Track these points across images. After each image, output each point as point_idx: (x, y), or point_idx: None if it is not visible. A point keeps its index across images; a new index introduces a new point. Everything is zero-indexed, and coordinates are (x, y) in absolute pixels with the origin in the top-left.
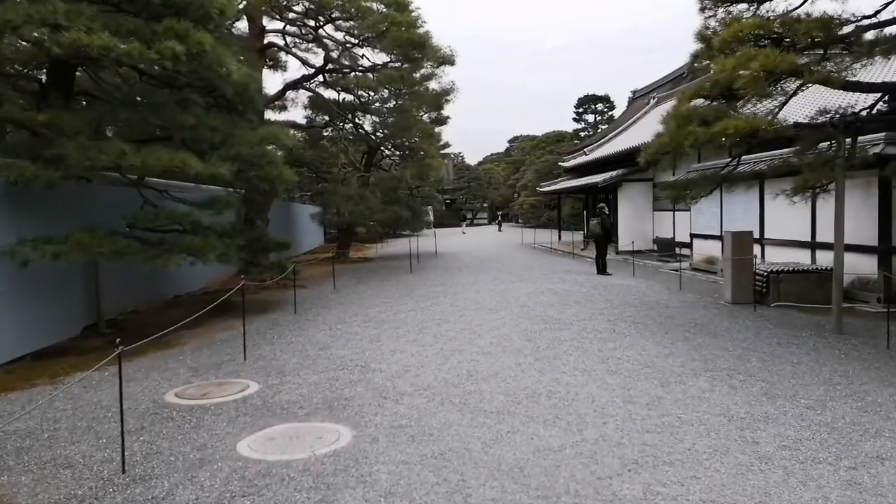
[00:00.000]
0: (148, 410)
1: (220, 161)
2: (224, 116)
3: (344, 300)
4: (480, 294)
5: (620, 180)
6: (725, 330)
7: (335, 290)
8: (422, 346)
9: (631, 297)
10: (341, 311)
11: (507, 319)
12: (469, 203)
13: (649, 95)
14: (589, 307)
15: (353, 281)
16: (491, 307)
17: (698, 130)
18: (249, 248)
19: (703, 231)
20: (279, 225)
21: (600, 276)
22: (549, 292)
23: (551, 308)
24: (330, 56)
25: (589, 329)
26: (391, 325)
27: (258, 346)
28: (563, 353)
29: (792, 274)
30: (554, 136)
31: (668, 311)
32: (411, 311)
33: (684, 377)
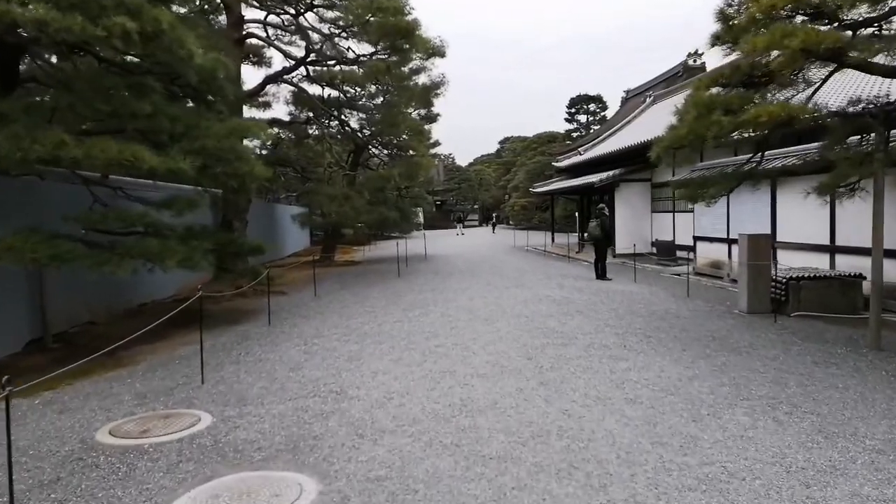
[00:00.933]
0: (71, 454)
1: (182, 155)
2: (188, 106)
3: (324, 309)
4: (473, 302)
5: (618, 180)
6: (749, 345)
7: (316, 298)
8: (408, 367)
9: (636, 305)
10: (320, 321)
11: (503, 332)
12: (460, 204)
13: (644, 94)
14: (593, 317)
15: (336, 287)
16: (485, 317)
17: (724, 120)
18: (220, 253)
19: (708, 234)
20: (261, 227)
21: (600, 282)
22: (548, 300)
23: (552, 319)
24: (312, 47)
25: (596, 344)
26: (374, 340)
27: (221, 366)
28: (570, 376)
29: (813, 281)
30: (546, 136)
31: (680, 322)
32: (398, 321)
33: (718, 408)
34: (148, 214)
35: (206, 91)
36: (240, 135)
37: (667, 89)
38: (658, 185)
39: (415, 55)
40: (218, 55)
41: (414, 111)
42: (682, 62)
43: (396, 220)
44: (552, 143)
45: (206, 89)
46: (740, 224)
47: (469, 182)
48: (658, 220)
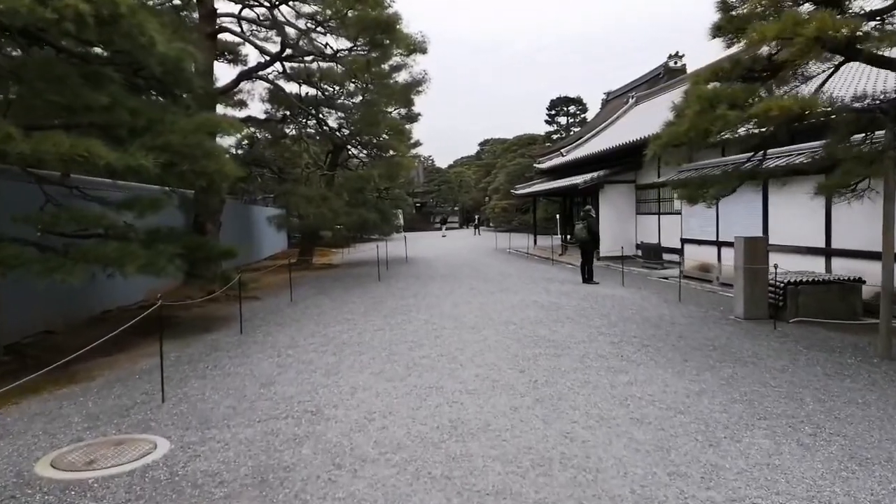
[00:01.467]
0: (3, 492)
1: (143, 151)
2: (153, 100)
3: (301, 315)
4: (458, 308)
5: (602, 182)
6: (753, 355)
7: (292, 303)
8: (390, 381)
9: (627, 310)
10: (296, 330)
11: (492, 342)
12: (440, 206)
13: (625, 96)
14: (584, 324)
15: (313, 291)
16: (472, 325)
17: (730, 114)
18: (189, 257)
19: (696, 236)
20: (237, 229)
21: (587, 286)
22: (536, 305)
23: (541, 326)
24: (288, 41)
25: (591, 354)
26: (354, 350)
27: (185, 381)
28: (567, 391)
29: (812, 285)
30: (526, 138)
31: (676, 328)
32: (379, 330)
33: (735, 429)
34: (105, 216)
35: (172, 84)
36: (208, 130)
37: (649, 90)
38: (643, 186)
39: (395, 51)
40: (184, 45)
41: (394, 110)
42: (663, 64)
43: (376, 222)
44: (532, 144)
45: (171, 81)
46: (730, 226)
47: (449, 184)
48: (643, 222)
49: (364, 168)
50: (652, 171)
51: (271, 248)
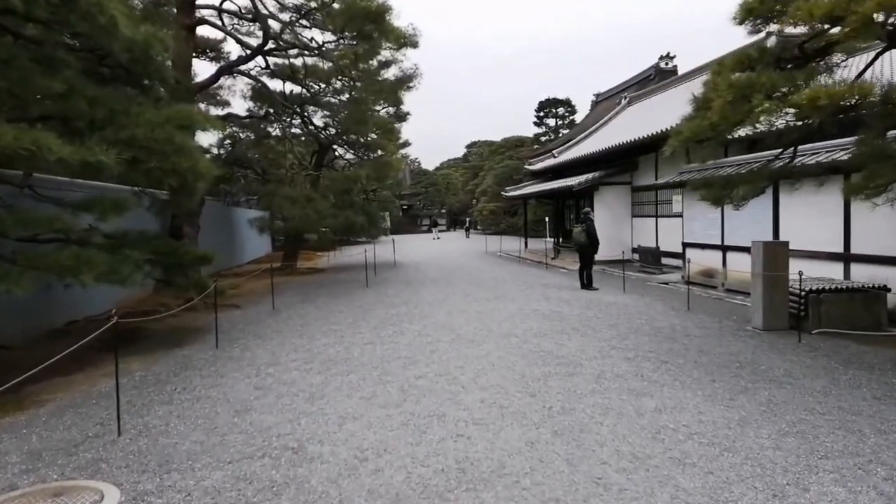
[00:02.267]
0: None
1: (103, 145)
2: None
3: (283, 327)
4: (453, 317)
5: (597, 183)
6: (786, 374)
7: (274, 312)
8: (384, 408)
9: (636, 320)
10: (277, 343)
11: (494, 358)
12: (427, 209)
13: (616, 97)
14: (592, 337)
15: (297, 299)
16: (470, 337)
17: (769, 104)
18: (160, 263)
19: (699, 240)
20: (218, 232)
21: (586, 292)
22: (536, 314)
23: (546, 339)
24: (271, 33)
25: (608, 374)
26: (341, 369)
27: (147, 408)
28: (588, 421)
29: (835, 293)
30: (514, 140)
31: (693, 342)
32: (368, 343)
33: (796, 472)
34: (60, 218)
35: (140, 73)
36: (179, 124)
37: (642, 91)
38: (639, 188)
39: (384, 45)
40: (154, 31)
41: (383, 109)
42: (654, 65)
43: (363, 224)
44: (520, 147)
45: (140, 71)
46: (736, 230)
47: (436, 186)
48: (639, 225)
49: (351, 169)
50: (649, 173)
51: (255, 252)
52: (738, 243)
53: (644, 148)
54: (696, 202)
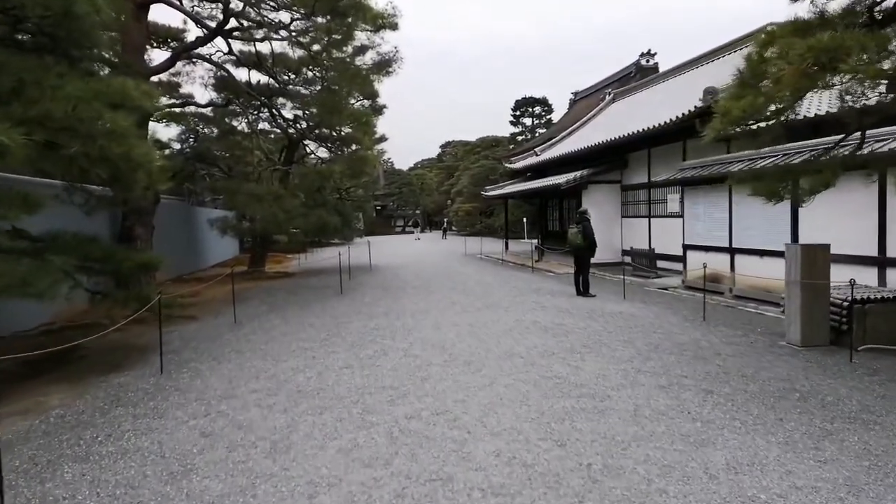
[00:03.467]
0: None
1: (5, 122)
2: (30, 57)
3: (244, 344)
4: (443, 331)
5: (586, 182)
6: (863, 408)
7: (235, 326)
8: (369, 467)
9: (651, 334)
10: (236, 367)
11: (501, 387)
12: (401, 210)
13: (601, 93)
14: (609, 356)
15: (263, 308)
16: (466, 358)
17: (869, 69)
18: (94, 271)
19: (703, 242)
20: (178, 234)
21: (584, 299)
22: (537, 328)
23: (556, 359)
24: (231, 9)
25: (645, 409)
26: (313, 404)
27: (54, 467)
28: (649, 490)
29: (882, 303)
30: (489, 140)
31: (728, 362)
32: (345, 367)
33: None
34: None
35: (65, 41)
36: (110, 101)
37: (627, 87)
38: (630, 187)
39: (360, 27)
40: None
41: (357, 102)
42: (635, 62)
43: (337, 225)
44: (496, 147)
45: (64, 37)
46: (746, 231)
47: (410, 186)
48: (630, 226)
49: (324, 165)
50: (640, 171)
51: (221, 255)
52: (749, 246)
53: (635, 144)
54: (699, 201)
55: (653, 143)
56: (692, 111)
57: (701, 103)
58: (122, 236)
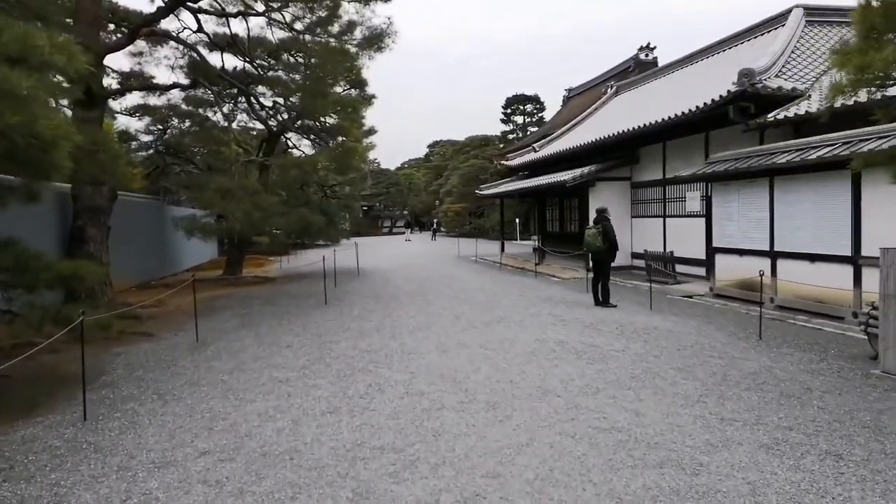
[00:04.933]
0: None
1: None
2: None
3: (202, 375)
4: (451, 356)
5: (594, 178)
6: None
7: (197, 346)
8: None
9: (709, 359)
10: (185, 411)
11: (546, 451)
12: (388, 210)
13: (595, 90)
14: (672, 395)
15: (234, 323)
16: (488, 398)
17: None
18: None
19: (736, 244)
20: (146, 235)
21: (605, 310)
22: (565, 350)
23: (606, 400)
24: None
25: (766, 491)
26: (281, 481)
27: None
28: None
29: None
30: (479, 139)
31: (826, 402)
32: (329, 412)
33: None
34: None
35: None
36: (7, 55)
37: (632, 80)
38: (641, 184)
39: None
40: None
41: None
42: (633, 56)
43: (321, 225)
44: (486, 146)
45: None
46: (793, 232)
47: (398, 186)
48: (641, 226)
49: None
50: (654, 166)
51: (196, 258)
52: (796, 249)
53: (649, 138)
54: (731, 198)
55: (669, 136)
56: (725, 96)
57: (736, 87)
58: (72, 238)
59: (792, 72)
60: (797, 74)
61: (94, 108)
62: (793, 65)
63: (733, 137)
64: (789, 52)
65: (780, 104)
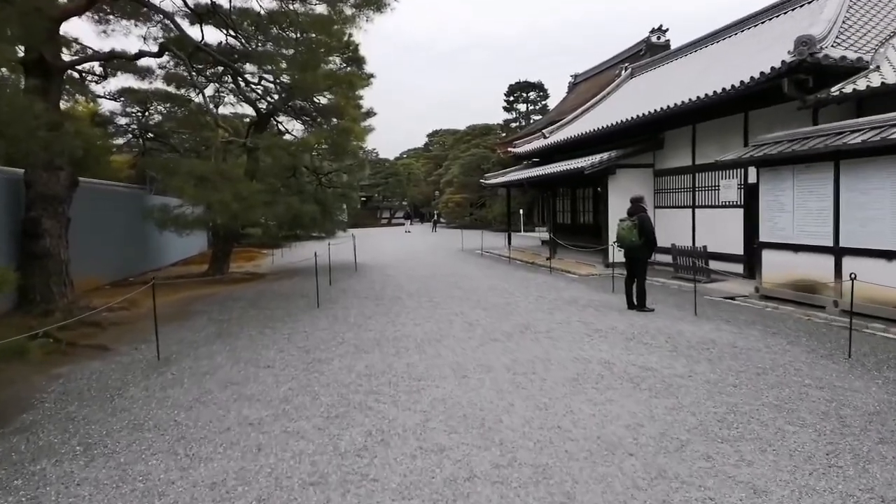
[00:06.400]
0: None
1: None
2: None
3: (152, 412)
4: (471, 384)
5: (614, 165)
6: None
7: (158, 365)
8: None
9: (806, 392)
10: (116, 473)
11: None
12: (387, 201)
13: (603, 75)
14: (789, 454)
15: (207, 332)
16: (532, 459)
17: None
18: None
19: (789, 239)
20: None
21: (642, 316)
22: (614, 376)
23: (699, 465)
24: None
25: None
26: None
27: None
28: None
29: None
30: (480, 128)
31: None
32: (312, 484)
33: None
34: None
35: None
36: None
37: (646, 61)
38: (666, 171)
39: None
40: None
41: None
42: (645, 39)
43: (315, 216)
44: (487, 135)
45: None
46: (864, 225)
47: (397, 177)
48: (666, 218)
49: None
50: (681, 152)
51: (184, 251)
52: (869, 245)
53: (675, 120)
54: (784, 186)
55: (701, 118)
56: (779, 67)
57: (793, 57)
58: (25, 230)
59: (850, 41)
60: (856, 44)
61: (50, 80)
62: (849, 33)
63: (777, 118)
64: (841, 19)
65: (840, 77)
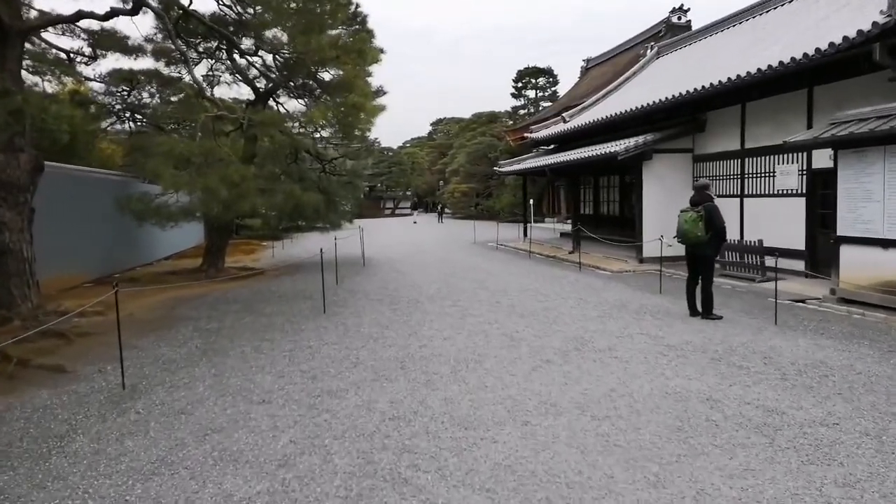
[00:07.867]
0: None
1: None
2: None
3: (101, 480)
4: (538, 440)
5: (650, 150)
6: None
7: (120, 398)
8: None
9: None
10: None
11: None
12: (391, 191)
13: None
14: None
15: (190, 348)
16: None
17: None
18: None
19: (876, 233)
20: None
21: (712, 326)
22: (731, 422)
23: None
24: None
25: None
26: None
27: None
28: None
29: None
30: (486, 116)
31: None
32: None
33: None
34: None
35: None
36: None
37: (671, 40)
38: (706, 157)
39: None
40: None
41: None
42: (665, 20)
43: (318, 206)
44: (493, 123)
45: None
46: None
47: (401, 166)
48: None
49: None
50: (727, 134)
51: (177, 244)
52: None
53: (720, 99)
54: (870, 171)
55: (752, 96)
56: (869, 31)
57: (887, 17)
58: None
59: None
60: None
61: (5, 44)
62: None
63: (849, 93)
64: None
65: None
